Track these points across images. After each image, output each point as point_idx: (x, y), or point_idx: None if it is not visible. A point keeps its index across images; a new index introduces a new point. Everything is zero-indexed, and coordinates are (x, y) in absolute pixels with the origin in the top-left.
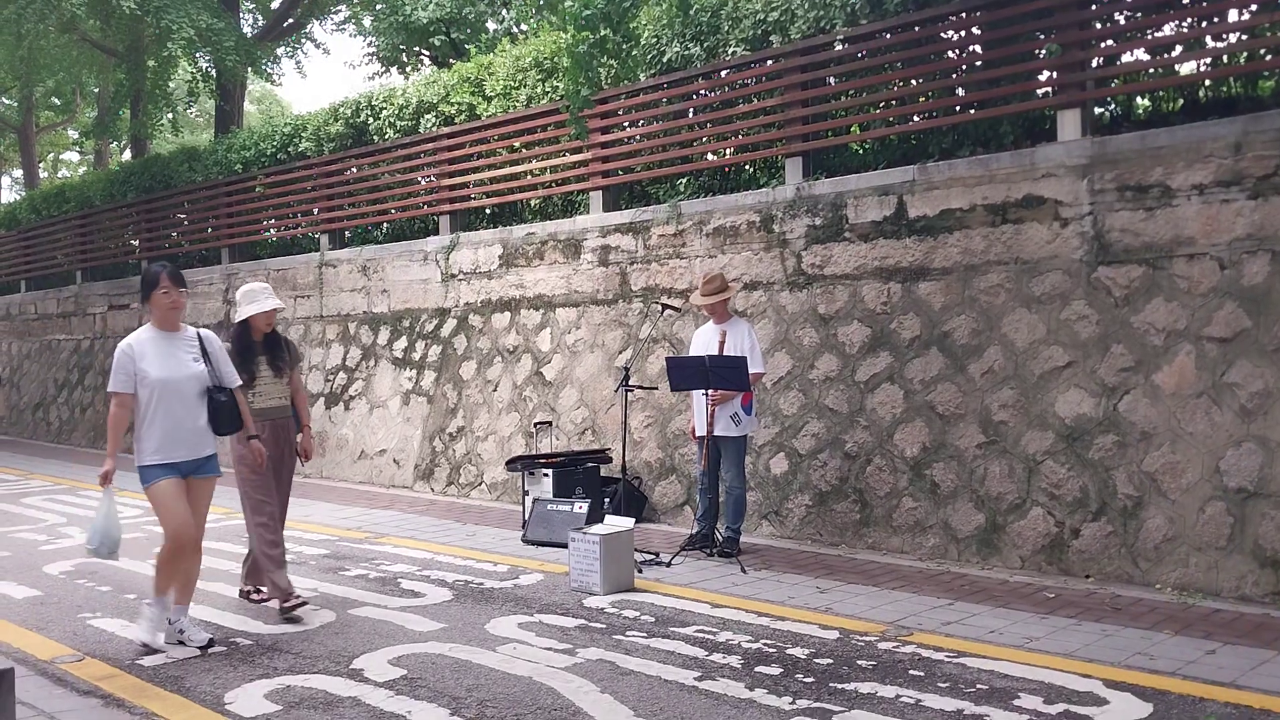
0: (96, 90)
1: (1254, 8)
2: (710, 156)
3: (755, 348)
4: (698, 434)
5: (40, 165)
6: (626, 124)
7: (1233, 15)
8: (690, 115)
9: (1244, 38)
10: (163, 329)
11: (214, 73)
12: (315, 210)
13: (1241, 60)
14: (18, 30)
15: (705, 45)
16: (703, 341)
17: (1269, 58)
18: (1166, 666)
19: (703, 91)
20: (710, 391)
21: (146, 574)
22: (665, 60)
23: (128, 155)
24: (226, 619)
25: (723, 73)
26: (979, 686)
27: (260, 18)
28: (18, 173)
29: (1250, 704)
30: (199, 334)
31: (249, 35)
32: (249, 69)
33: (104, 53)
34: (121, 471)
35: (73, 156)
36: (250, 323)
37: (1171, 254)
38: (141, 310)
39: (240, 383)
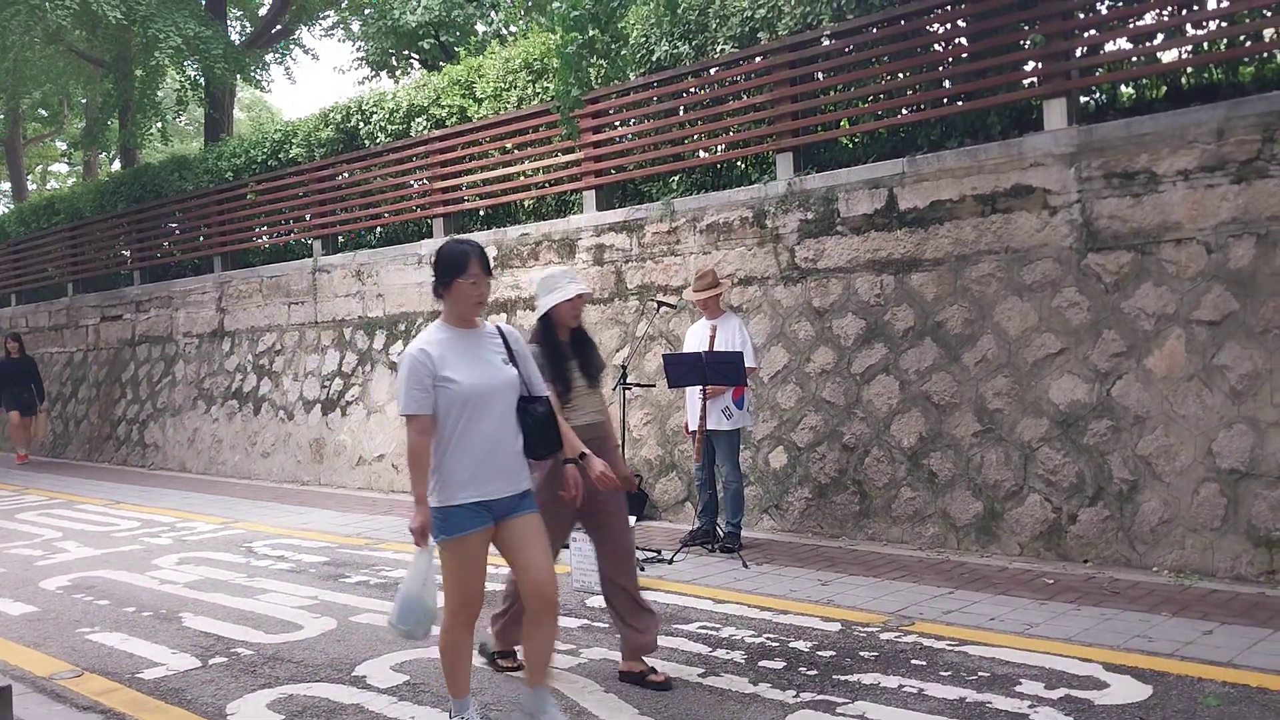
0: (84, 101)
1: None
2: (702, 154)
3: (747, 342)
4: (691, 429)
5: (29, 178)
6: (618, 123)
7: (1212, 3)
8: (681, 113)
9: (1223, 25)
10: (462, 325)
11: (203, 81)
12: (308, 216)
13: (1221, 47)
14: (3, 42)
15: (694, 43)
16: (696, 338)
17: (1248, 44)
18: (1165, 648)
19: (692, 89)
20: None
21: (144, 586)
22: (654, 59)
23: (117, 165)
24: (225, 629)
25: (712, 70)
26: (980, 674)
27: (248, 25)
28: (5, 185)
29: (1248, 682)
30: (500, 330)
31: (237, 43)
32: (238, 76)
33: (91, 63)
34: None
35: (61, 168)
36: (554, 317)
37: (1159, 239)
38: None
39: (549, 391)
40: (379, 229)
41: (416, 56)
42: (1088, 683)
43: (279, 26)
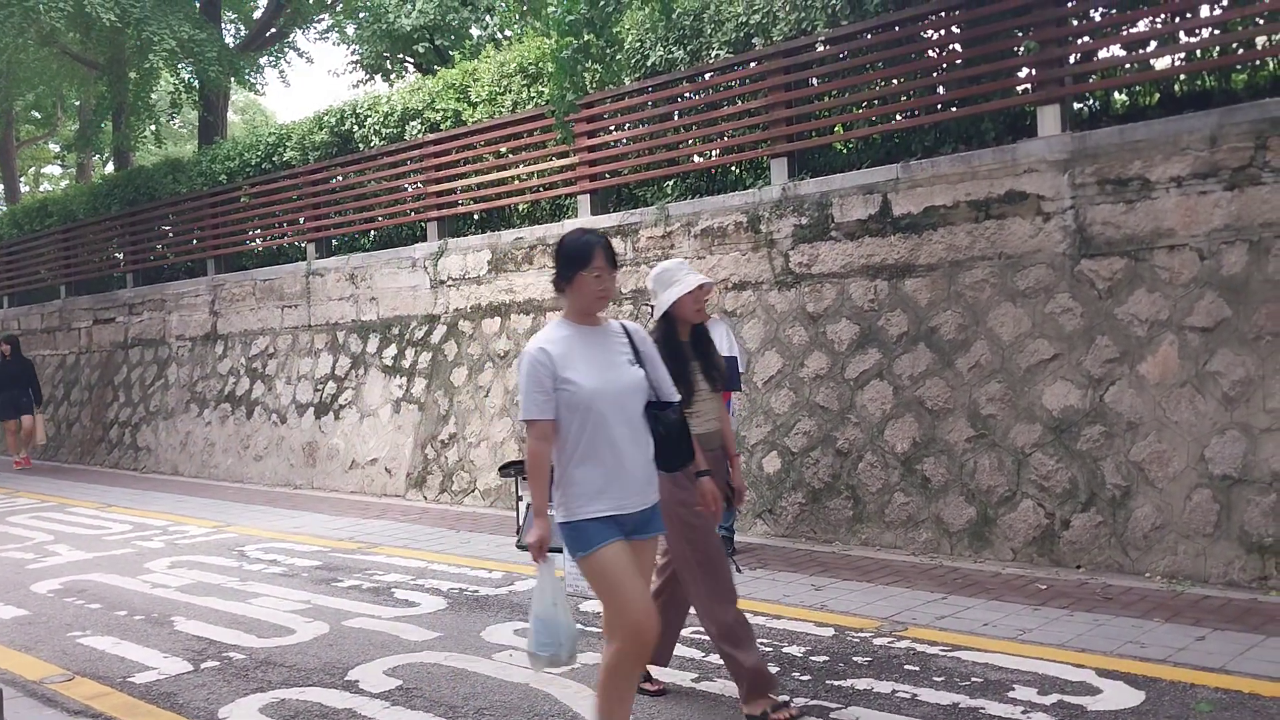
0: (78, 103)
1: (1224, 3)
2: (696, 158)
3: (734, 346)
4: None
5: (21, 180)
6: (612, 128)
7: (1204, 11)
8: (675, 118)
9: (1216, 32)
10: (584, 322)
11: (197, 83)
12: (301, 219)
13: (1214, 55)
14: None
15: (688, 48)
16: None
17: (1241, 52)
18: (1157, 654)
19: (687, 94)
20: None
21: (136, 589)
22: (649, 64)
23: (110, 168)
24: (217, 633)
25: (706, 75)
26: (974, 679)
27: (243, 28)
28: None
29: (1240, 688)
30: (626, 328)
31: (231, 45)
32: (232, 79)
33: (85, 65)
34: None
35: (55, 170)
36: (675, 313)
37: (1152, 246)
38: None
39: (679, 395)
40: (373, 232)
41: (411, 60)
42: (1080, 688)
43: (273, 29)
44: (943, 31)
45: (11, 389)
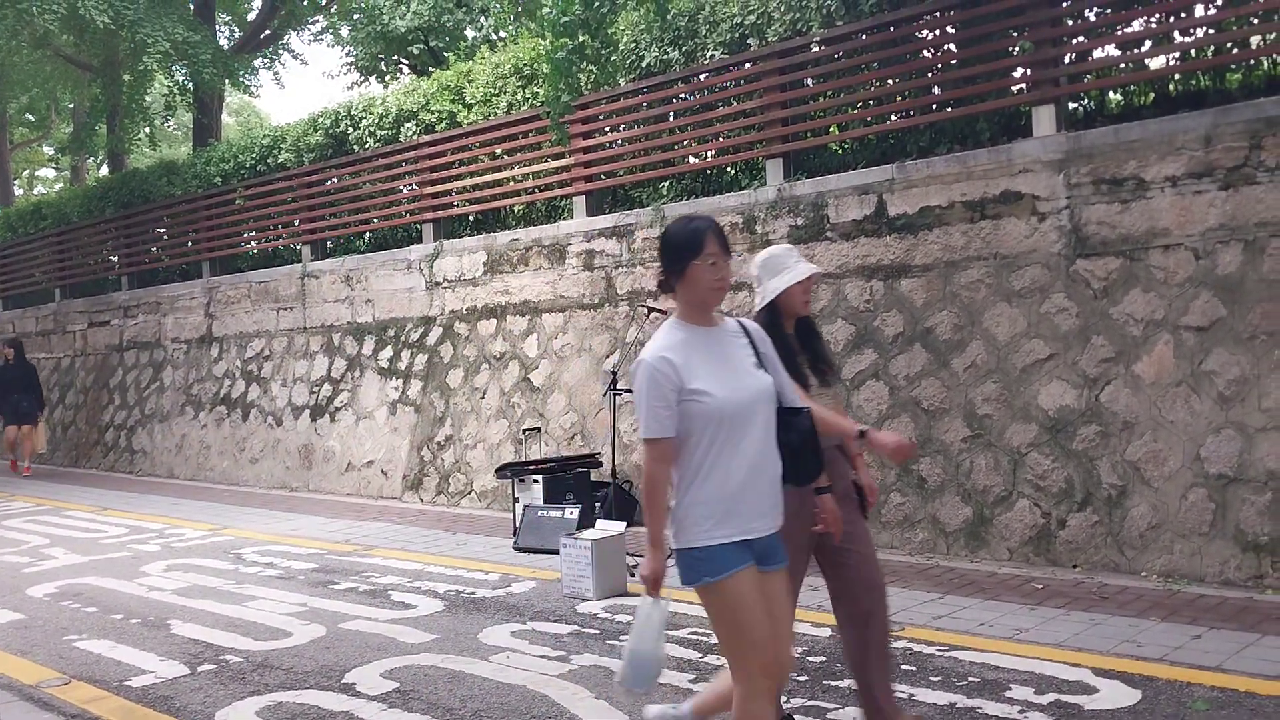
0: (72, 105)
1: (1219, 3)
2: (692, 159)
3: None
4: None
5: (16, 182)
6: (608, 129)
7: (1199, 10)
8: (671, 119)
9: (1211, 32)
10: (700, 322)
11: (191, 86)
12: (296, 221)
13: (1209, 54)
14: None
15: (683, 49)
16: None
17: (1235, 51)
18: (1154, 653)
19: (682, 95)
20: None
21: (131, 593)
22: (644, 65)
23: (105, 171)
24: (213, 636)
25: (702, 76)
26: (971, 679)
27: (237, 30)
28: None
29: (1236, 687)
30: (744, 325)
31: (226, 47)
32: (226, 81)
33: (79, 68)
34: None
35: (49, 173)
36: (781, 303)
37: (1147, 245)
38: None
39: (803, 402)
40: (368, 234)
41: (406, 62)
42: (1077, 688)
43: (268, 31)
44: (938, 32)
45: (14, 394)
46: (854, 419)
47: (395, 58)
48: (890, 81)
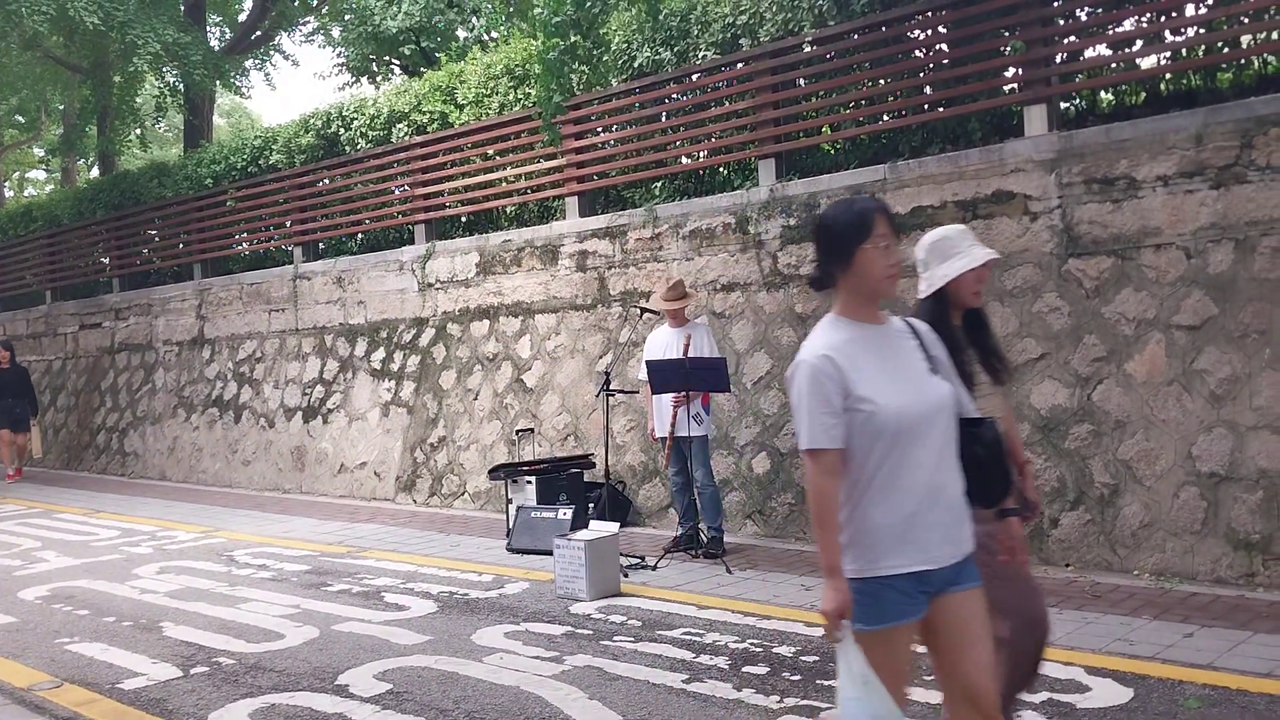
0: (62, 107)
1: (1210, 2)
2: (684, 160)
3: (715, 350)
4: (658, 435)
5: (6, 184)
6: (600, 129)
7: (1190, 10)
8: (663, 119)
9: (1201, 32)
10: (867, 319)
11: (182, 87)
12: (288, 223)
13: (1200, 54)
14: None
15: (675, 49)
16: (660, 344)
17: (1226, 51)
18: (1146, 651)
19: (675, 95)
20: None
21: (125, 596)
22: (636, 65)
23: (95, 172)
24: (206, 638)
25: (694, 76)
26: None
27: (228, 31)
28: None
29: (1228, 685)
30: (911, 325)
31: (216, 48)
32: (217, 82)
33: (69, 69)
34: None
35: (39, 175)
36: (950, 292)
37: (1139, 245)
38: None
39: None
40: (360, 235)
41: (397, 62)
42: (1070, 686)
43: (259, 32)
44: (929, 32)
45: (7, 398)
46: None
47: (387, 58)
48: (882, 81)
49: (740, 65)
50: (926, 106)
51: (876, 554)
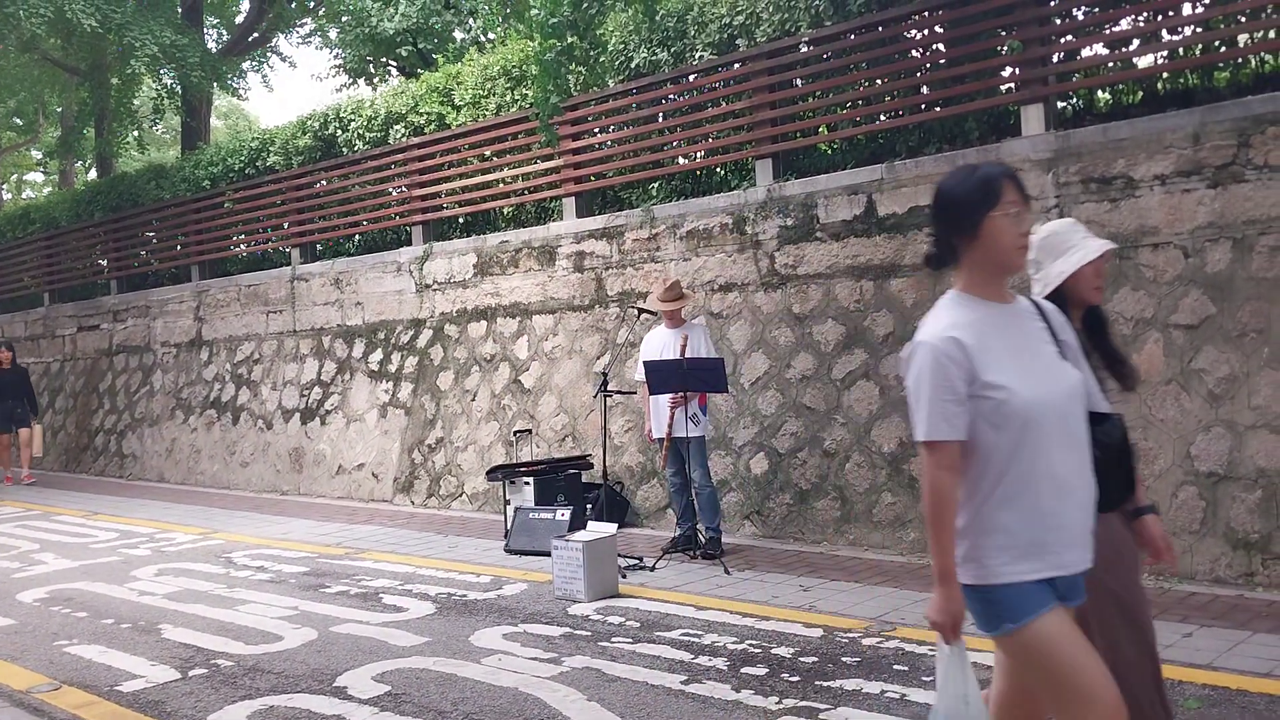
0: (60, 109)
1: (1206, 1)
2: (681, 160)
3: (712, 351)
4: (655, 436)
5: (3, 186)
6: (597, 130)
7: (1187, 9)
8: (660, 120)
9: (1198, 31)
10: (993, 296)
11: (179, 89)
12: (285, 224)
13: (1197, 53)
14: None
15: (672, 50)
16: (657, 345)
17: (1223, 50)
18: None
19: (672, 96)
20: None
21: (123, 597)
22: (633, 66)
23: (93, 174)
24: (204, 640)
25: (691, 77)
26: None
27: (225, 33)
28: None
29: (1228, 684)
30: (1039, 306)
31: (214, 50)
32: (214, 84)
33: (66, 71)
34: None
35: (37, 177)
36: (1068, 290)
37: (1137, 244)
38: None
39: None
40: (357, 237)
41: (394, 64)
42: None
43: (256, 34)
44: (926, 31)
45: (7, 399)
46: (845, 418)
47: (384, 60)
48: (879, 81)
49: (737, 66)
50: (923, 106)
51: (1005, 558)
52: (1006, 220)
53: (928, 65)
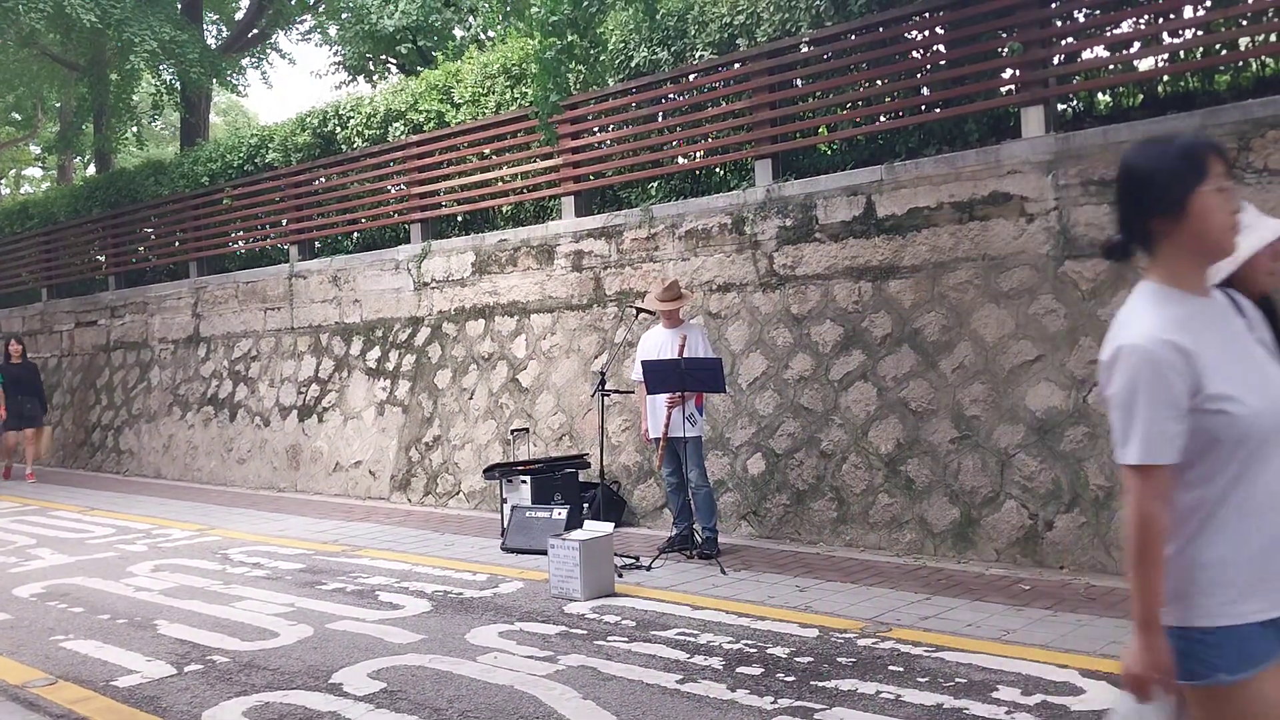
0: (59, 105)
1: (1208, 4)
2: (681, 160)
3: (710, 350)
4: (652, 436)
5: (2, 182)
6: (596, 129)
7: (1188, 12)
8: (660, 119)
9: (1199, 34)
10: (1195, 289)
11: (178, 85)
12: (284, 221)
13: (1198, 56)
14: None
15: (673, 49)
16: (654, 345)
17: (1224, 53)
18: None
19: (671, 95)
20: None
21: (120, 594)
22: (633, 65)
23: (92, 170)
24: (201, 636)
25: (691, 76)
26: (958, 680)
27: (224, 29)
28: None
29: None
30: (1231, 297)
31: (213, 46)
32: (214, 81)
33: (65, 67)
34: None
35: (35, 172)
36: (1242, 277)
37: None
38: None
39: None
40: (356, 234)
41: (394, 61)
42: (1064, 689)
43: (255, 30)
44: (927, 32)
45: (20, 396)
46: (842, 419)
47: (383, 57)
48: (879, 82)
49: (737, 65)
50: (924, 107)
51: (1224, 596)
52: (1216, 196)
53: (928, 66)
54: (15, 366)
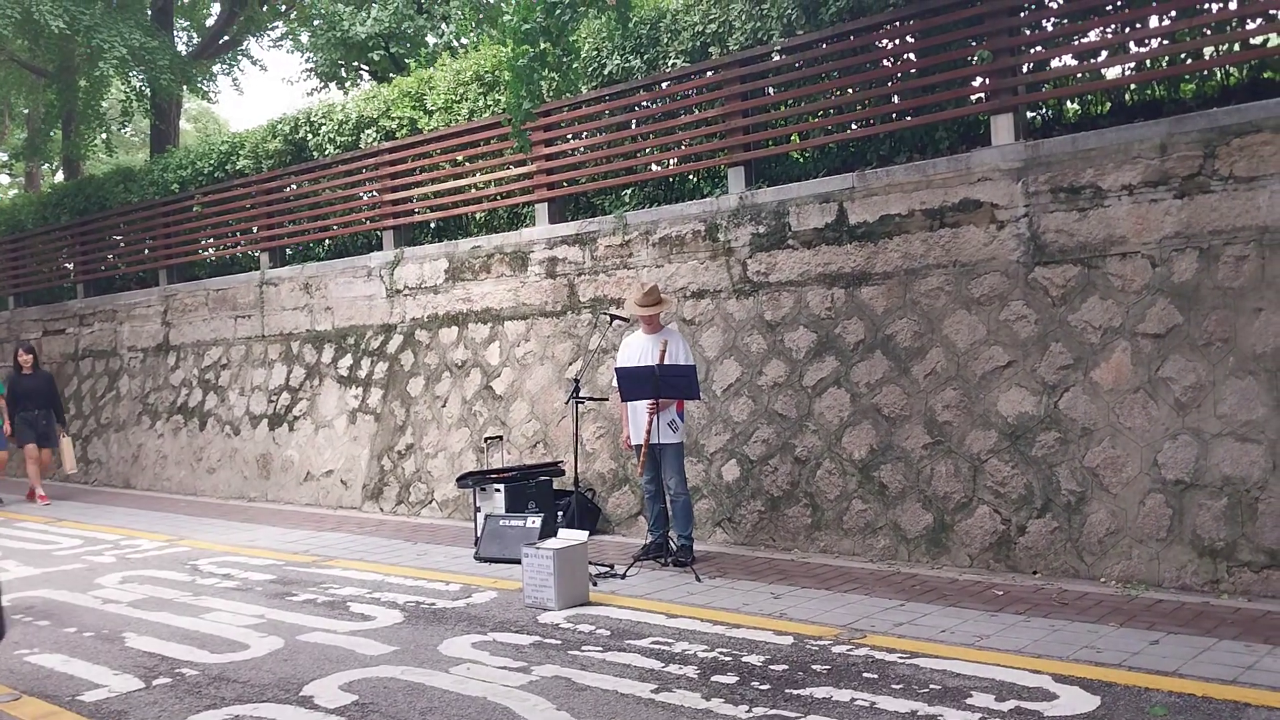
0: (26, 111)
1: (1173, 14)
2: (654, 167)
3: (690, 357)
4: (633, 442)
5: None
6: (570, 136)
7: (1154, 22)
8: (633, 127)
9: (1165, 43)
10: None
11: (148, 92)
12: (255, 229)
13: (1164, 65)
14: None
15: (645, 57)
16: (636, 351)
17: (1189, 62)
18: (1113, 659)
19: (644, 103)
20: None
21: (87, 606)
22: (606, 72)
23: (60, 177)
24: (170, 649)
25: (664, 84)
26: (932, 686)
27: (195, 35)
28: None
29: (1193, 691)
30: None
31: (184, 53)
32: (184, 87)
33: (33, 73)
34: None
35: (3, 179)
36: None
37: (1105, 253)
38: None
39: None
40: (327, 241)
41: (366, 68)
42: (1038, 694)
43: (226, 37)
44: (897, 41)
45: (32, 408)
46: (816, 425)
47: (355, 64)
48: (850, 90)
49: (710, 73)
50: (895, 115)
51: None
52: None
53: (899, 74)
54: (26, 378)
